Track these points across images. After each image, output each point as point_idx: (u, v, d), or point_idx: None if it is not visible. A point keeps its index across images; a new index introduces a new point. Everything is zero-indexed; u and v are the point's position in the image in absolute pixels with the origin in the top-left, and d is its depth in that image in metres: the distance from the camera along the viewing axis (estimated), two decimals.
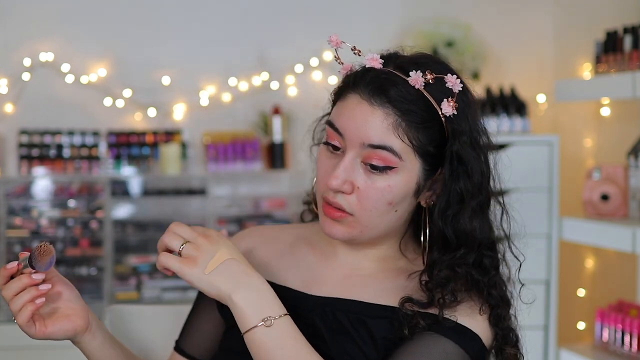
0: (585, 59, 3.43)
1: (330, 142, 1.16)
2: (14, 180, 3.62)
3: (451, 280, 1.16)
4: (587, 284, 3.54)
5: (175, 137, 3.71)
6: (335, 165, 1.15)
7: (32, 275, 1.15)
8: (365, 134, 1.12)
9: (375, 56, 1.18)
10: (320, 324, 1.19)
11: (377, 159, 1.13)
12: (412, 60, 1.18)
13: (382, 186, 1.14)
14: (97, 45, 3.71)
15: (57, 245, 3.57)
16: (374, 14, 3.74)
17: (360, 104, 1.14)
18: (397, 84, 1.14)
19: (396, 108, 1.13)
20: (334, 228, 1.17)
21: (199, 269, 1.11)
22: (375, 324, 1.17)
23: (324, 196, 1.16)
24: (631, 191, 2.97)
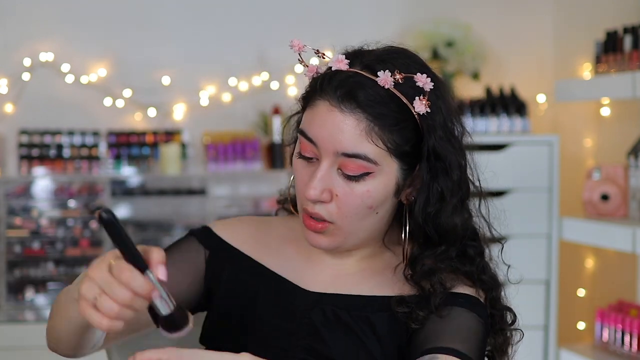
0: (585, 59, 3.43)
1: (304, 155, 1.14)
2: (14, 180, 3.62)
3: (436, 273, 1.16)
4: (587, 284, 3.54)
5: (175, 137, 3.71)
6: (308, 175, 1.13)
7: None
8: (339, 143, 1.10)
9: (341, 57, 1.14)
10: (317, 322, 1.17)
11: (352, 167, 1.10)
12: (379, 58, 1.14)
13: (361, 192, 1.12)
14: (97, 45, 3.71)
15: (57, 246, 3.57)
16: (373, 14, 3.74)
17: (330, 112, 1.10)
18: (366, 86, 1.10)
19: (367, 113, 1.09)
20: (318, 239, 1.16)
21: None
22: (376, 318, 1.16)
23: (304, 207, 1.15)
24: (631, 191, 2.97)
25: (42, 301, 3.52)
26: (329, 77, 1.13)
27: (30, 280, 3.54)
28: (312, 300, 1.19)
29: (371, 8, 3.75)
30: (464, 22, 3.60)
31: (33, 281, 3.54)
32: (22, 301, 3.51)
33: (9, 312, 3.43)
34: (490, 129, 3.35)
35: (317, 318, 1.17)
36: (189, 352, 0.94)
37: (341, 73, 1.12)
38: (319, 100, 1.12)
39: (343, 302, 1.18)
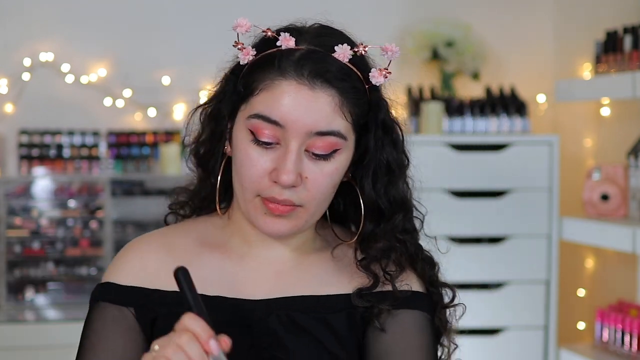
0: (585, 59, 3.43)
1: (262, 140, 1.07)
2: (14, 180, 3.62)
3: (392, 251, 1.15)
4: (587, 284, 3.54)
5: (175, 137, 3.71)
6: (273, 161, 1.07)
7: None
8: (313, 122, 1.05)
9: (287, 35, 1.10)
10: (276, 330, 1.12)
11: (323, 145, 1.07)
12: (318, 34, 1.13)
13: (329, 171, 1.09)
14: (97, 45, 3.71)
15: (57, 246, 3.57)
16: (373, 14, 3.74)
17: (299, 90, 1.05)
18: (328, 61, 1.08)
19: (336, 88, 1.07)
20: (278, 224, 1.09)
21: None
22: (334, 318, 1.13)
23: (264, 196, 1.08)
24: (631, 191, 2.97)
25: (42, 301, 3.52)
26: (285, 55, 1.08)
27: (30, 280, 3.54)
28: (262, 308, 1.13)
29: (371, 8, 3.75)
30: (464, 22, 3.60)
31: (33, 281, 3.54)
32: (22, 301, 3.51)
33: (9, 312, 3.43)
34: (490, 129, 3.35)
35: (274, 326, 1.12)
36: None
37: (297, 51, 1.09)
38: (279, 80, 1.06)
39: (295, 305, 1.14)
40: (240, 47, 1.12)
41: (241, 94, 1.11)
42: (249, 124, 1.08)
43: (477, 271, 3.17)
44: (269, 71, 1.08)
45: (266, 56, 1.09)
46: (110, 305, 1.15)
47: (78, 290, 3.56)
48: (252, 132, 1.08)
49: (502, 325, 3.21)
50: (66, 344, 3.40)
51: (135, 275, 1.16)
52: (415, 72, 3.69)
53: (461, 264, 3.16)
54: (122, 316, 1.14)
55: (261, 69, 1.09)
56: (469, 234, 3.21)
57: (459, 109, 3.37)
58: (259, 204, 1.08)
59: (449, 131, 3.34)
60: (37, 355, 3.20)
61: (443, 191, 3.17)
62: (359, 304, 1.14)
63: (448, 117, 3.35)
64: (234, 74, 1.14)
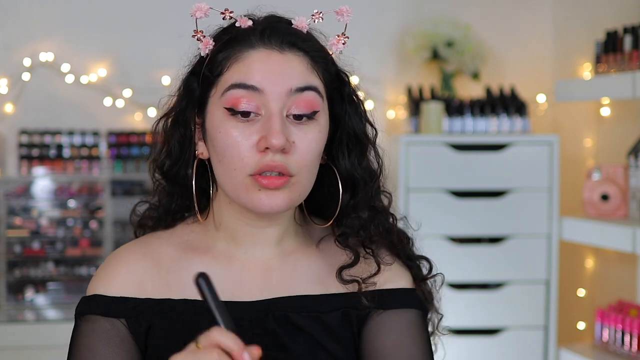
0: (585, 59, 3.43)
1: (242, 110, 1.06)
2: (14, 180, 3.62)
3: (371, 221, 1.16)
4: (587, 284, 3.54)
5: None
6: (257, 132, 1.06)
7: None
8: (290, 79, 1.06)
9: (244, 18, 1.12)
10: (273, 330, 1.11)
11: (304, 104, 1.07)
12: (271, 17, 1.15)
13: (314, 136, 1.09)
14: (97, 45, 3.71)
15: (57, 246, 3.57)
16: (373, 13, 3.74)
17: (270, 55, 1.08)
18: (291, 30, 1.11)
19: (304, 50, 1.09)
20: (276, 199, 1.07)
21: None
22: (330, 317, 1.13)
23: (256, 171, 1.06)
24: (631, 191, 2.97)
25: (42, 301, 3.52)
26: (248, 31, 1.10)
27: (30, 280, 3.54)
28: (258, 310, 1.12)
29: (371, 8, 3.74)
30: (464, 22, 3.60)
31: (33, 281, 3.54)
32: (22, 301, 3.51)
33: (9, 312, 3.43)
34: (490, 129, 3.35)
35: (271, 326, 1.12)
36: None
37: (258, 25, 1.11)
38: (248, 51, 1.08)
39: (291, 305, 1.13)
40: (199, 36, 1.14)
41: (208, 79, 1.11)
42: (224, 100, 1.08)
43: (477, 271, 3.18)
44: (234, 48, 1.09)
45: (228, 39, 1.11)
46: (100, 317, 1.11)
47: (78, 290, 3.56)
48: (229, 108, 1.07)
49: (502, 325, 3.21)
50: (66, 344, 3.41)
51: (123, 286, 1.13)
52: (415, 72, 3.69)
53: (461, 264, 3.17)
54: (113, 328, 1.11)
55: (225, 49, 1.10)
56: (469, 234, 3.21)
57: (459, 109, 3.37)
58: (250, 183, 1.07)
59: (449, 131, 3.34)
60: (37, 355, 3.20)
61: (443, 191, 3.17)
62: (346, 279, 1.14)
63: (448, 117, 3.35)
64: (194, 73, 1.15)
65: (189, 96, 1.14)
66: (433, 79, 3.67)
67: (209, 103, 1.11)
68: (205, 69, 1.12)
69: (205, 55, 1.13)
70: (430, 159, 3.16)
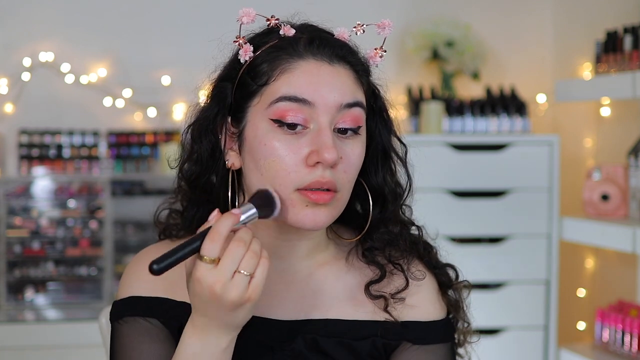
0: (585, 59, 3.43)
1: (291, 122, 1.03)
2: (14, 180, 3.62)
3: (400, 237, 1.15)
4: (587, 284, 3.54)
5: (175, 137, 3.71)
6: (306, 145, 1.03)
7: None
8: (340, 95, 1.04)
9: (287, 25, 1.10)
10: (305, 353, 1.10)
11: (351, 119, 1.06)
12: (309, 25, 1.13)
13: (359, 151, 1.08)
14: (97, 45, 3.71)
15: (57, 246, 3.57)
16: (373, 14, 3.74)
17: (321, 67, 1.05)
18: (335, 41, 1.09)
19: (350, 62, 1.08)
20: (320, 215, 1.04)
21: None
22: (359, 345, 1.12)
23: (304, 186, 1.03)
24: (631, 191, 2.97)
25: (42, 301, 3.52)
26: (294, 40, 1.07)
27: (30, 280, 3.54)
28: (289, 330, 1.11)
29: (371, 8, 3.75)
30: (464, 22, 3.60)
31: (33, 281, 3.54)
32: (22, 301, 3.51)
33: (9, 312, 3.43)
34: (490, 129, 3.35)
35: (299, 348, 1.11)
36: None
37: (302, 36, 1.08)
38: (298, 62, 1.05)
39: (321, 329, 1.12)
40: (241, 42, 1.09)
41: (250, 88, 1.07)
42: (272, 112, 1.04)
43: (477, 271, 3.17)
44: (280, 57, 1.06)
45: (272, 46, 1.08)
46: (139, 318, 1.12)
47: (78, 290, 3.56)
48: (276, 119, 1.04)
49: (502, 325, 3.21)
50: (66, 344, 3.42)
51: (154, 286, 1.14)
52: (415, 72, 3.69)
53: (461, 264, 3.16)
54: (153, 327, 1.11)
55: (270, 58, 1.06)
56: (469, 234, 3.21)
57: (459, 109, 3.37)
58: (297, 198, 1.03)
59: (449, 131, 3.34)
60: (37, 355, 3.20)
61: (443, 191, 3.17)
62: (370, 298, 1.13)
63: (448, 117, 3.35)
64: (226, 79, 1.12)
65: (220, 103, 1.11)
66: (433, 79, 3.67)
67: (249, 112, 1.08)
68: (246, 76, 1.08)
69: (244, 62, 1.09)
70: (430, 159, 3.16)
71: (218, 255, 0.93)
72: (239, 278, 0.94)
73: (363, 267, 1.16)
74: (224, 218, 0.95)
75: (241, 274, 0.94)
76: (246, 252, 0.94)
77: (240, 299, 0.94)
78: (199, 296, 0.95)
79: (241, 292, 0.94)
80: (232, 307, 0.95)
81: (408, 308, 1.15)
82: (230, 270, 0.93)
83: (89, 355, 3.07)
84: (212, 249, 0.93)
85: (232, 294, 0.93)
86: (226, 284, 0.93)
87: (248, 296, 0.94)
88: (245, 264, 0.94)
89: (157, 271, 0.92)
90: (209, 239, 0.93)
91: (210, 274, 0.93)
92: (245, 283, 0.94)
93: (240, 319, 0.97)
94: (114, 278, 3.57)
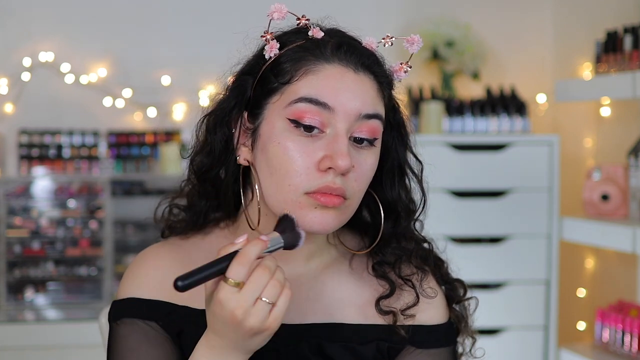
0: (585, 59, 3.43)
1: (308, 124, 1.02)
2: (14, 180, 3.62)
3: (411, 253, 1.15)
4: (587, 284, 3.54)
5: (175, 137, 3.71)
6: (321, 149, 1.02)
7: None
8: (361, 105, 1.03)
9: (316, 27, 1.09)
10: (309, 357, 1.10)
11: (368, 130, 1.04)
12: (337, 29, 1.12)
13: (372, 162, 1.07)
14: (97, 45, 3.71)
15: (57, 246, 3.57)
16: (373, 14, 3.74)
17: (345, 74, 1.04)
18: (363, 49, 1.08)
19: (375, 73, 1.07)
20: (328, 218, 1.03)
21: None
22: (363, 349, 1.12)
23: (314, 189, 1.02)
24: (631, 191, 2.97)
25: (42, 301, 3.52)
26: (323, 43, 1.06)
27: (30, 280, 3.54)
28: (293, 334, 1.11)
29: (371, 8, 3.75)
30: (464, 22, 3.60)
31: (33, 281, 3.54)
32: (22, 301, 3.51)
33: (8, 312, 3.43)
34: (490, 129, 3.35)
35: (304, 353, 1.11)
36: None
37: (330, 40, 1.07)
38: (323, 64, 1.04)
39: (326, 334, 1.12)
40: (268, 37, 1.08)
41: (271, 85, 1.06)
42: (290, 111, 1.03)
43: (477, 271, 3.17)
44: (306, 58, 1.05)
45: (299, 45, 1.06)
46: (138, 320, 1.11)
47: (78, 290, 3.56)
48: (294, 119, 1.02)
49: (502, 325, 3.21)
50: (66, 344, 3.42)
51: (155, 288, 1.13)
52: (415, 72, 3.68)
53: (461, 264, 3.15)
54: (152, 330, 1.10)
55: (296, 58, 1.05)
56: (469, 234, 3.21)
57: (459, 109, 3.37)
58: (306, 201, 1.02)
59: (449, 131, 3.34)
60: (37, 355, 3.20)
61: (443, 191, 3.17)
62: (380, 314, 1.13)
63: (448, 117, 3.35)
64: (249, 73, 1.10)
65: (239, 96, 1.09)
66: (433, 79, 3.67)
67: (268, 109, 1.06)
68: (269, 72, 1.06)
69: (268, 58, 1.07)
70: (430, 159, 3.15)
71: (243, 279, 0.92)
72: (260, 305, 0.93)
73: (371, 278, 1.16)
74: (253, 244, 0.94)
75: (263, 302, 0.93)
76: (270, 280, 0.93)
77: (260, 326, 0.93)
78: (218, 318, 0.95)
79: (261, 319, 0.93)
80: (251, 334, 0.94)
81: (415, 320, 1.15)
82: (253, 297, 0.92)
83: (89, 355, 3.07)
84: (238, 272, 0.92)
85: (252, 320, 0.93)
86: (248, 310, 0.92)
87: (268, 325, 0.94)
88: (269, 292, 0.93)
89: (182, 288, 0.91)
90: (237, 262, 0.92)
91: (233, 297, 0.92)
92: (266, 311, 0.93)
93: (256, 345, 0.97)
94: (114, 278, 3.57)
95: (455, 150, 3.18)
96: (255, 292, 0.92)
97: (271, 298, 0.93)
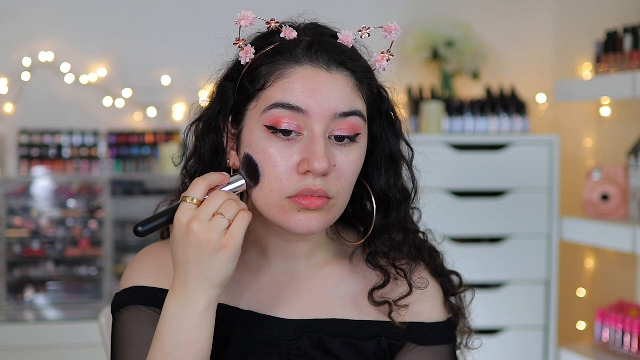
0: (585, 59, 3.43)
1: (284, 129, 1.02)
2: (14, 180, 3.62)
3: (404, 242, 1.15)
4: (587, 284, 3.54)
5: (175, 137, 3.71)
6: (298, 153, 1.02)
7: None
8: (336, 104, 1.03)
9: (288, 27, 1.09)
10: (311, 352, 1.11)
11: (347, 127, 1.04)
12: (315, 27, 1.12)
13: (355, 158, 1.06)
14: (97, 45, 3.71)
15: (57, 246, 3.57)
16: (373, 14, 3.74)
17: (317, 75, 1.03)
18: (337, 46, 1.07)
19: (350, 69, 1.06)
20: (313, 220, 1.03)
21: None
22: (365, 345, 1.13)
23: (295, 193, 1.02)
24: (631, 191, 2.97)
25: (41, 301, 3.52)
26: (294, 45, 1.06)
27: (30, 280, 3.54)
28: (295, 329, 1.12)
29: (371, 8, 3.75)
30: (464, 22, 3.60)
31: (33, 281, 3.54)
32: (22, 301, 3.51)
33: (8, 312, 3.43)
34: (490, 129, 3.35)
35: (305, 347, 1.11)
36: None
37: (303, 40, 1.07)
38: (294, 67, 1.04)
39: (328, 329, 1.12)
40: (241, 44, 1.09)
41: (248, 92, 1.06)
42: (265, 118, 1.03)
43: (477, 271, 3.17)
44: (278, 62, 1.05)
45: (272, 49, 1.06)
46: (142, 307, 1.11)
47: (78, 290, 3.56)
48: (270, 125, 1.03)
49: (502, 325, 3.21)
50: (66, 344, 3.42)
51: (157, 279, 1.13)
52: (415, 72, 3.69)
53: (461, 264, 3.16)
54: (155, 315, 1.10)
55: (269, 62, 1.05)
56: (469, 234, 3.21)
57: (459, 109, 3.37)
58: (289, 205, 1.03)
59: (449, 131, 3.34)
60: (37, 355, 3.20)
61: (443, 191, 3.17)
62: (377, 301, 1.13)
63: (448, 117, 3.35)
64: (230, 79, 1.11)
65: (222, 103, 1.10)
66: (433, 79, 3.67)
67: (247, 116, 1.07)
68: (245, 79, 1.07)
69: (245, 64, 1.08)
70: (430, 159, 3.15)
71: (200, 198, 0.97)
72: (217, 219, 0.96)
73: (369, 271, 1.17)
74: (212, 172, 0.99)
75: (220, 216, 0.96)
76: (227, 200, 0.97)
77: (217, 240, 0.95)
78: (178, 241, 0.97)
79: (218, 233, 0.95)
80: (209, 250, 0.95)
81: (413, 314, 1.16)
82: (210, 212, 0.96)
83: (88, 355, 3.08)
84: (195, 190, 0.97)
85: (209, 234, 0.95)
86: (204, 222, 0.95)
87: (225, 242, 0.95)
88: (226, 208, 0.96)
89: (142, 233, 0.95)
90: (195, 182, 0.98)
91: (190, 212, 0.96)
92: (223, 226, 0.96)
93: (217, 271, 0.96)
94: (114, 278, 3.57)
95: (455, 150, 3.18)
96: (212, 207, 0.96)
97: (228, 214, 0.96)
